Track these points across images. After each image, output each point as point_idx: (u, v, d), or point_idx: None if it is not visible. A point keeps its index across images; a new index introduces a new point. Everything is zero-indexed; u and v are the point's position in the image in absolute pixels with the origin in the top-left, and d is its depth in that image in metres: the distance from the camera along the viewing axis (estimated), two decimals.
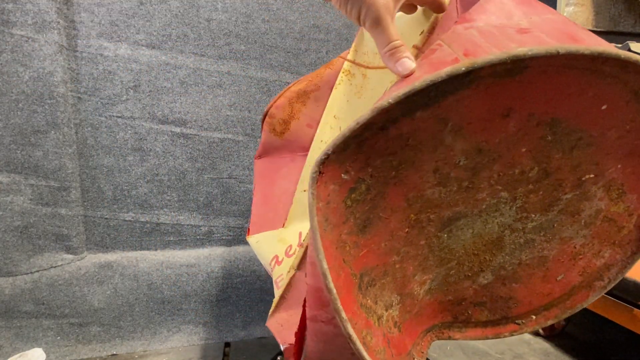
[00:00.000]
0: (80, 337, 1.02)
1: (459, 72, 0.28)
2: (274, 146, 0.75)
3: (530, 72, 0.30)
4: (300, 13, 1.10)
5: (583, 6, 1.16)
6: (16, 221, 0.97)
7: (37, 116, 0.95)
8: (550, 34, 0.33)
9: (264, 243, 0.71)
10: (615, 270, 0.44)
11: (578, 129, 0.36)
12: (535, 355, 1.01)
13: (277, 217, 0.74)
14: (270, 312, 0.55)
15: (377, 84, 0.63)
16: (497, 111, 0.34)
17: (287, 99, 0.71)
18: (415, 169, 0.36)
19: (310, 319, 0.38)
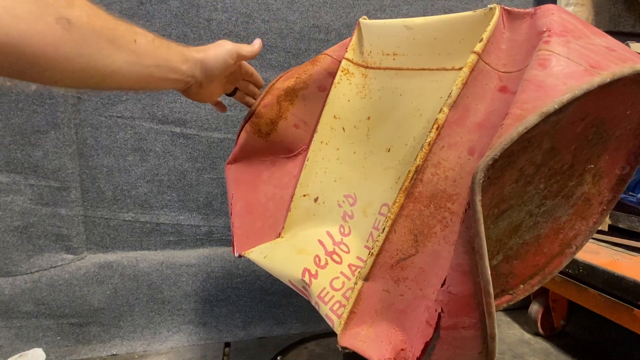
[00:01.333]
0: (80, 337, 1.02)
1: (623, 75, 0.33)
2: (254, 149, 0.69)
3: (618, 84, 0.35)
4: (300, 13, 1.10)
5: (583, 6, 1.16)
6: (16, 221, 0.97)
7: (37, 116, 0.95)
8: (628, 52, 0.37)
9: (279, 258, 0.61)
10: (581, 238, 0.50)
11: (609, 129, 0.42)
12: (535, 355, 1.01)
13: (268, 225, 0.68)
14: (341, 328, 0.50)
15: (385, 84, 0.62)
16: (579, 115, 0.38)
17: (275, 96, 0.67)
18: (512, 168, 0.38)
19: (448, 327, 0.38)
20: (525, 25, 0.45)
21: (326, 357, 1.01)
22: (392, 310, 0.48)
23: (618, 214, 1.01)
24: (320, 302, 0.54)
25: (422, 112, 0.55)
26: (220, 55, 0.56)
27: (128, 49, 0.41)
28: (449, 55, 0.53)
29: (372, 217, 0.59)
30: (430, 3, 1.19)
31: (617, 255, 0.94)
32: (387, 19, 0.61)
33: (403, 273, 0.48)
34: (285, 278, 0.59)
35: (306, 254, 0.60)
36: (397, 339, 0.46)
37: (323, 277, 0.55)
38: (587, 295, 0.92)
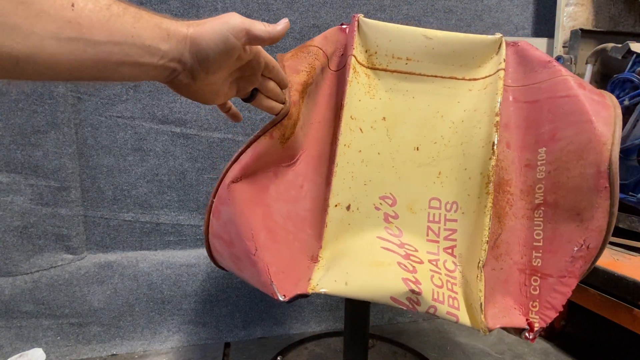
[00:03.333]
0: (80, 337, 1.02)
1: None
2: (270, 159, 0.57)
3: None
4: (300, 13, 1.10)
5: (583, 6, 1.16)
6: (16, 221, 0.97)
7: (37, 116, 0.95)
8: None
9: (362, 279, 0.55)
10: None
11: None
12: (535, 355, 1.01)
13: (296, 250, 0.58)
14: (483, 316, 0.52)
15: (393, 86, 0.65)
16: None
17: (298, 93, 0.59)
18: None
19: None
20: (510, 52, 0.64)
21: (326, 357, 1.01)
22: (500, 283, 0.57)
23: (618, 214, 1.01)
24: (438, 304, 0.53)
25: (442, 114, 0.63)
26: (219, 32, 0.37)
27: (59, 17, 0.27)
28: (461, 67, 0.63)
29: (422, 212, 0.62)
30: (430, 3, 1.19)
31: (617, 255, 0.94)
32: (396, 24, 0.63)
33: (499, 250, 0.57)
34: (385, 297, 0.53)
35: (387, 265, 0.56)
36: (514, 303, 0.57)
37: (424, 281, 0.54)
38: (587, 295, 0.92)
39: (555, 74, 0.59)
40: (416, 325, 1.16)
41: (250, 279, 0.55)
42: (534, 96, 0.60)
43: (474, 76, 0.63)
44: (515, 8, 1.26)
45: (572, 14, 1.16)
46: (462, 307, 0.54)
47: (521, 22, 1.27)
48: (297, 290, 0.52)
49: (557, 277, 0.54)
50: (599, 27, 1.18)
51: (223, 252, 0.57)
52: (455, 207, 0.60)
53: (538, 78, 0.60)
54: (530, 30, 1.28)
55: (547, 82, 0.59)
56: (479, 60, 0.63)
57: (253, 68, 0.46)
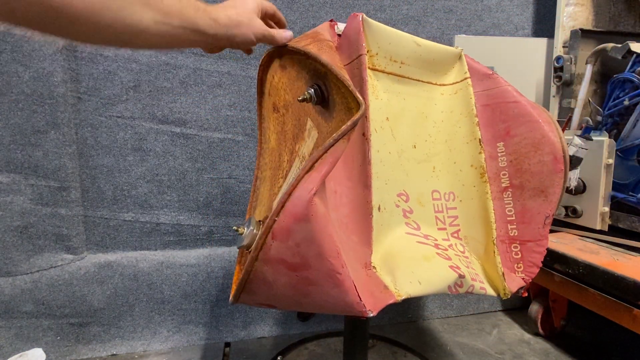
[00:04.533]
0: (80, 337, 1.02)
1: None
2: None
3: None
4: (300, 13, 1.10)
5: (583, 6, 1.16)
6: (16, 221, 0.97)
7: (37, 116, 0.95)
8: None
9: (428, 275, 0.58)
10: None
11: None
12: (535, 355, 1.01)
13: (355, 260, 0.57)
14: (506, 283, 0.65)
15: (388, 88, 0.66)
16: None
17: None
18: None
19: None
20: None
21: (326, 357, 1.01)
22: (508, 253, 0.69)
23: (618, 214, 1.01)
24: (473, 282, 0.62)
25: (426, 114, 0.70)
26: (247, 34, 0.53)
27: (156, 7, 0.41)
28: (435, 74, 0.71)
29: (429, 205, 0.70)
30: (430, 3, 1.19)
31: (617, 255, 0.94)
32: (392, 28, 0.65)
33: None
34: (444, 287, 0.59)
35: (432, 257, 0.62)
36: (507, 268, 0.68)
37: (460, 265, 0.62)
38: (587, 295, 0.92)
39: (499, 84, 0.72)
40: (416, 325, 1.16)
41: (323, 303, 0.51)
42: (486, 101, 0.71)
43: (443, 82, 0.72)
44: (515, 8, 1.26)
45: (572, 14, 1.16)
46: (485, 281, 0.65)
47: (521, 22, 1.27)
48: (381, 302, 0.52)
49: (534, 241, 0.67)
50: (599, 27, 1.18)
51: (278, 280, 0.50)
52: (453, 197, 0.70)
53: (486, 86, 0.72)
54: (530, 30, 1.28)
55: (494, 90, 0.71)
56: (446, 68, 0.72)
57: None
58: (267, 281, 0.51)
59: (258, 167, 0.75)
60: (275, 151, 0.72)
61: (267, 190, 0.72)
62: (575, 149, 1.00)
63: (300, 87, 0.61)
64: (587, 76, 1.10)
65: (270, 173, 0.72)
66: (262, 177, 0.75)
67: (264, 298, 0.55)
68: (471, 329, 1.14)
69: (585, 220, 1.04)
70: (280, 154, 0.70)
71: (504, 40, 1.19)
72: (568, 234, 1.11)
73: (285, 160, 0.67)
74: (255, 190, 0.74)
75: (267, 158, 0.74)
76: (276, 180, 0.69)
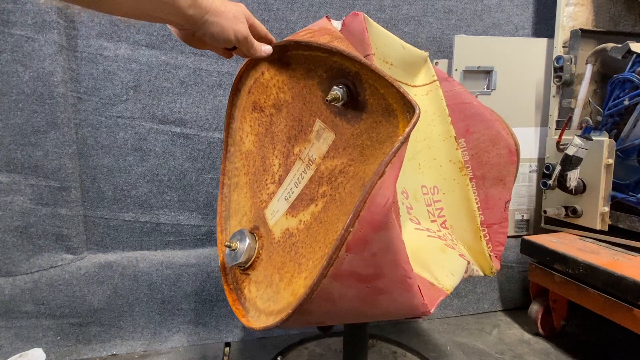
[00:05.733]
0: (80, 337, 1.02)
1: None
2: None
3: None
4: (300, 13, 1.10)
5: (583, 6, 1.16)
6: (16, 221, 0.97)
7: (37, 116, 0.95)
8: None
9: (453, 263, 0.67)
10: None
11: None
12: (535, 355, 1.01)
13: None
14: (492, 264, 0.75)
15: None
16: None
17: None
18: None
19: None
20: None
21: (326, 357, 1.01)
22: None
23: (618, 214, 1.01)
24: (473, 265, 0.72)
25: None
26: (226, 29, 0.51)
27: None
28: (410, 76, 0.75)
29: (421, 200, 0.75)
30: (430, 3, 1.19)
31: (617, 255, 0.94)
32: (384, 29, 0.66)
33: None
34: (462, 274, 0.68)
35: (445, 249, 0.69)
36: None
37: (463, 252, 0.72)
38: (587, 295, 0.92)
39: (454, 86, 0.79)
40: (416, 325, 1.16)
41: (389, 310, 0.51)
42: (447, 101, 0.76)
43: (415, 83, 0.77)
44: (515, 8, 1.26)
45: (572, 14, 1.16)
46: (476, 263, 0.73)
47: (521, 22, 1.27)
48: (435, 298, 0.55)
49: (498, 223, 0.76)
50: (599, 27, 1.18)
51: (345, 294, 0.48)
52: (437, 190, 0.76)
53: (445, 88, 0.77)
54: (530, 30, 1.28)
55: (451, 92, 0.78)
56: (417, 70, 0.76)
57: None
58: (330, 298, 0.47)
59: (224, 173, 0.71)
60: (254, 154, 0.67)
61: (246, 197, 0.68)
62: (575, 149, 1.00)
63: (309, 86, 0.58)
64: (587, 76, 1.10)
65: (248, 179, 0.68)
66: (232, 183, 0.71)
67: (317, 317, 0.51)
68: (471, 329, 1.14)
69: (585, 220, 1.04)
70: (263, 157, 0.66)
71: (504, 40, 1.19)
72: (568, 234, 1.11)
73: (275, 164, 0.64)
74: (223, 199, 0.71)
75: (238, 162, 0.70)
76: (261, 187, 0.65)
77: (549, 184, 1.07)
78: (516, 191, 1.23)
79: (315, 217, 0.54)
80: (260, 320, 0.55)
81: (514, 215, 1.24)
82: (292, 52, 0.59)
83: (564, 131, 1.09)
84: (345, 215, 0.49)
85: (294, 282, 0.53)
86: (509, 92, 1.19)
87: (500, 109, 1.19)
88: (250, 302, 0.61)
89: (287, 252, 0.57)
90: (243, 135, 0.68)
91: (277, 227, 0.60)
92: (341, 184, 0.53)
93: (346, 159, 0.53)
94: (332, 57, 0.53)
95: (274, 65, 0.62)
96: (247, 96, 0.67)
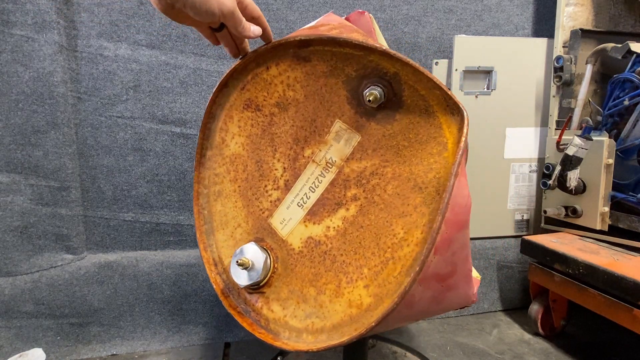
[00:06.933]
0: (80, 337, 1.02)
1: None
2: None
3: None
4: (300, 13, 1.10)
5: (583, 6, 1.16)
6: (16, 221, 0.97)
7: (37, 116, 0.95)
8: None
9: None
10: None
11: None
12: (535, 355, 1.01)
13: None
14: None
15: None
16: None
17: None
18: None
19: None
20: None
21: (326, 357, 1.01)
22: None
23: (618, 214, 1.01)
24: None
25: None
26: (210, 7, 0.47)
27: None
28: None
29: None
30: (430, 3, 1.19)
31: (617, 255, 0.94)
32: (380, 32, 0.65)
33: None
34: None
35: None
36: None
37: None
38: (587, 295, 0.92)
39: None
40: (416, 325, 1.16)
41: (448, 305, 0.52)
42: None
43: None
44: (515, 8, 1.26)
45: (572, 14, 1.16)
46: None
47: (521, 22, 1.27)
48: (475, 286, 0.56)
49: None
50: (599, 27, 1.18)
51: (424, 297, 0.49)
52: None
53: None
54: (530, 30, 1.28)
55: None
56: None
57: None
58: (411, 303, 0.48)
59: (198, 181, 0.63)
60: (244, 158, 0.61)
61: (237, 207, 0.62)
62: (575, 149, 1.00)
63: (331, 84, 0.55)
64: (587, 76, 1.10)
65: (237, 186, 0.62)
66: (211, 192, 0.63)
67: (389, 325, 0.52)
68: (471, 329, 1.14)
69: (585, 220, 1.04)
70: (259, 161, 0.61)
71: (504, 40, 1.19)
72: (568, 234, 1.11)
73: (277, 168, 0.59)
74: (200, 211, 0.63)
75: (219, 168, 0.63)
76: (260, 194, 0.61)
77: (549, 184, 1.07)
78: (516, 191, 1.23)
79: (351, 222, 0.53)
80: (308, 341, 0.53)
81: (514, 215, 1.24)
82: (316, 48, 0.54)
83: (564, 131, 1.09)
84: (399, 217, 0.50)
85: (345, 293, 0.52)
86: (509, 92, 1.19)
87: (500, 109, 1.19)
88: (278, 322, 0.57)
89: (318, 262, 0.55)
90: (227, 137, 0.62)
91: (294, 237, 0.57)
92: (378, 186, 0.52)
93: (378, 160, 0.52)
94: (369, 55, 0.51)
95: (287, 60, 0.57)
96: (238, 93, 0.61)
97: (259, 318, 0.58)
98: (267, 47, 0.56)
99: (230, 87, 0.61)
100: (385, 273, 0.49)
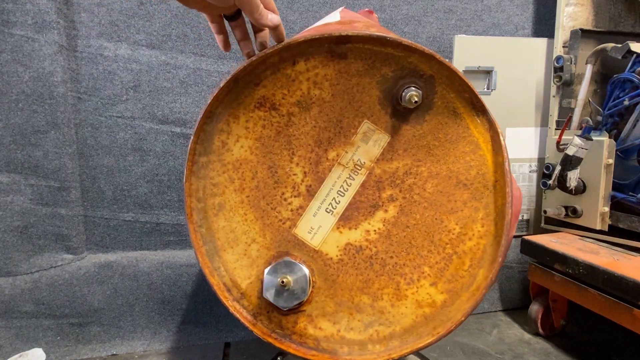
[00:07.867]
0: (80, 337, 1.02)
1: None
2: None
3: None
4: (300, 13, 1.10)
5: (583, 6, 1.16)
6: (16, 221, 0.97)
7: (37, 116, 0.95)
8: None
9: None
10: None
11: None
12: (535, 355, 1.01)
13: None
14: None
15: None
16: None
17: None
18: None
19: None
20: None
21: None
22: None
23: (618, 214, 1.01)
24: None
25: None
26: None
27: None
28: None
29: None
30: (430, 3, 1.19)
31: (617, 255, 0.94)
32: None
33: None
34: None
35: None
36: None
37: None
38: (587, 295, 0.91)
39: None
40: None
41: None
42: None
43: None
44: (515, 8, 1.26)
45: (572, 14, 1.16)
46: None
47: (521, 22, 1.27)
48: None
49: None
50: (599, 27, 1.18)
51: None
52: None
53: None
54: (530, 30, 1.28)
55: None
56: None
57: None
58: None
59: (190, 194, 0.54)
60: (252, 164, 0.55)
61: (248, 220, 0.56)
62: (575, 149, 1.00)
63: (364, 84, 0.53)
64: (587, 76, 1.10)
65: (245, 196, 0.56)
66: (209, 206, 0.56)
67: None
68: (471, 329, 1.14)
69: (585, 220, 1.04)
70: (272, 167, 0.55)
71: (504, 40, 1.19)
72: (568, 234, 1.11)
73: (297, 173, 0.55)
74: (196, 230, 0.55)
75: (219, 177, 0.55)
76: (277, 203, 0.56)
77: (549, 184, 1.07)
78: None
79: (393, 224, 0.54)
80: (376, 351, 0.52)
81: None
82: (355, 45, 0.51)
83: (564, 131, 1.09)
84: (449, 213, 0.54)
85: (409, 295, 0.53)
86: (509, 92, 1.19)
87: (500, 109, 1.19)
88: (331, 339, 0.54)
89: (365, 268, 0.54)
90: (229, 140, 0.55)
91: (328, 246, 0.54)
92: (415, 185, 0.54)
93: (410, 160, 0.54)
94: (410, 56, 0.50)
95: (319, 56, 0.52)
96: (251, 89, 0.54)
97: (305, 340, 0.55)
98: (299, 40, 0.51)
99: (241, 83, 0.54)
100: (453, 268, 0.53)
